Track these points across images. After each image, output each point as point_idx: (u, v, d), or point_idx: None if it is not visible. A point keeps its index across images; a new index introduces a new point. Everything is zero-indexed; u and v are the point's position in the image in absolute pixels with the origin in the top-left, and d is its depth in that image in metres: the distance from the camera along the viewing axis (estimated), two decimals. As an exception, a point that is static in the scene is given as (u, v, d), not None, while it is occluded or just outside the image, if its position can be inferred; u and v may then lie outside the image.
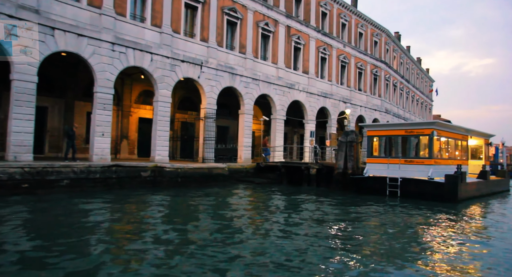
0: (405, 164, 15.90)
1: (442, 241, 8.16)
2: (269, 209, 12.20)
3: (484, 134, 20.98)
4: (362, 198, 15.48)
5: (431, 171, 15.12)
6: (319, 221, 10.13)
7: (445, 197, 14.42)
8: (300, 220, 10.26)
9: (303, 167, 20.15)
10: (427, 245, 7.83)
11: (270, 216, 10.65)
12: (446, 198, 14.38)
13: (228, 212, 11.30)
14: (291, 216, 10.71)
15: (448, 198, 14.36)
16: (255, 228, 8.91)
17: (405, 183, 15.49)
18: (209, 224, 9.28)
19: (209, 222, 9.50)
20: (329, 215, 11.32)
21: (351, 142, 17.84)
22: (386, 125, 16.94)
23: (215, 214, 10.93)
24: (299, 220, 10.17)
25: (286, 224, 9.51)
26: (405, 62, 46.13)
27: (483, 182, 17.50)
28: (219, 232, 8.21)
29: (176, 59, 18.42)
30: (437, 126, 15.47)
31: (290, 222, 9.83)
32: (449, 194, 14.39)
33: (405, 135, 16.14)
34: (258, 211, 11.75)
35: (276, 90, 24.44)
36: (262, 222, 9.66)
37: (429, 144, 15.45)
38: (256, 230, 8.59)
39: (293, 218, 10.50)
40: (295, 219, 10.29)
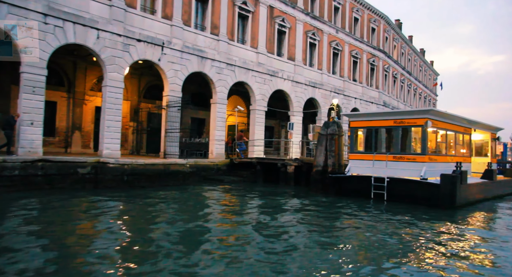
0: (394, 161, 13.23)
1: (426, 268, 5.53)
2: (207, 219, 9.62)
3: (490, 127, 18.20)
4: (341, 202, 12.86)
5: (424, 169, 12.44)
6: (263, 240, 7.53)
7: (441, 202, 11.75)
8: (240, 238, 7.67)
9: (279, 163, 17.54)
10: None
11: (194, 233, 8.07)
12: (442, 203, 11.71)
13: (154, 225, 8.73)
14: (225, 232, 8.13)
15: (445, 203, 11.69)
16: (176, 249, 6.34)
17: (393, 184, 12.85)
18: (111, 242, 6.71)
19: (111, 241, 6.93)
20: (278, 227, 8.70)
21: (332, 135, 15.19)
22: (371, 114, 14.26)
23: (133, 227, 8.37)
24: (234, 241, 7.58)
25: (217, 247, 6.93)
26: (407, 53, 43.16)
27: (488, 182, 14.76)
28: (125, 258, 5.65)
29: (131, 38, 15.83)
30: (432, 116, 12.77)
31: (225, 241, 7.25)
32: (445, 197, 11.72)
33: (393, 126, 13.45)
34: (189, 220, 9.17)
35: (255, 78, 21.79)
36: (181, 237, 7.09)
37: (422, 136, 12.75)
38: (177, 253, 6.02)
39: (230, 234, 7.92)
40: (229, 239, 7.70)
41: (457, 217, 10.59)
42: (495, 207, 13.45)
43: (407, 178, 12.75)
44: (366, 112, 14.35)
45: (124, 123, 19.95)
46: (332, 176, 14.42)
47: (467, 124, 15.79)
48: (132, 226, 8.21)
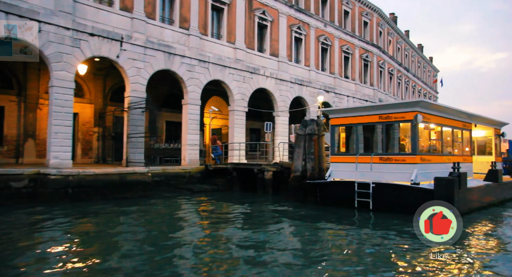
0: (380, 163, 11.25)
1: None
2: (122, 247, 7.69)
3: (493, 122, 16.18)
4: (318, 214, 10.91)
5: (416, 172, 10.46)
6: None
7: (436, 211, 9.72)
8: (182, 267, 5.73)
9: (256, 169, 15.59)
10: None
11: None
12: (436, 213, 9.69)
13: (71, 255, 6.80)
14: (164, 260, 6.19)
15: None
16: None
17: (380, 190, 10.89)
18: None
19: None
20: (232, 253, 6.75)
21: (311, 135, 13.25)
22: (352, 109, 12.30)
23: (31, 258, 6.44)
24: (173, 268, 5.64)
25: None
26: (403, 48, 41.20)
27: (492, 185, 12.73)
28: None
29: (82, 31, 14.02)
30: (422, 108, 10.80)
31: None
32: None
33: (379, 122, 11.48)
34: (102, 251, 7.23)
35: (233, 76, 19.92)
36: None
37: (411, 133, 10.79)
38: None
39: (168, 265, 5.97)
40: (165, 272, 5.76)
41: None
42: (501, 215, 11.42)
43: (395, 182, 10.78)
44: (347, 107, 12.44)
45: (87, 129, 18.17)
46: (309, 182, 12.47)
47: (466, 119, 13.80)
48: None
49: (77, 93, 18.12)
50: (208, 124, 26.23)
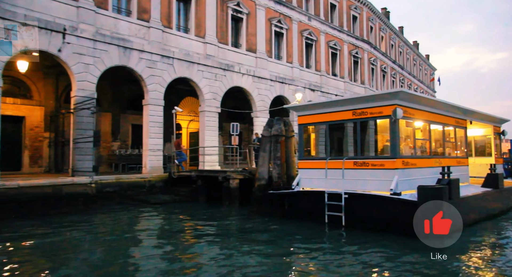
0: (354, 169, 9.27)
1: None
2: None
3: (492, 119, 14.21)
4: (282, 231, 8.95)
5: (396, 179, 8.48)
6: None
7: (420, 228, 7.75)
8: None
9: (221, 177, 13.60)
10: None
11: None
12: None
13: None
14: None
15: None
16: None
17: (354, 202, 8.92)
18: None
19: None
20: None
21: (277, 137, 11.29)
22: (322, 105, 10.28)
23: None
24: None
25: None
26: (397, 45, 39.30)
27: (491, 193, 10.69)
28: None
29: (11, 20, 12.11)
30: (403, 101, 8.82)
31: None
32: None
33: (352, 120, 9.51)
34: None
35: (202, 73, 18.00)
36: None
37: (391, 132, 8.80)
38: None
39: None
40: None
41: (444, 261, 6.58)
42: (503, 230, 9.39)
43: (372, 193, 8.80)
44: (315, 103, 10.46)
45: (37, 134, 16.22)
46: (273, 193, 10.49)
47: (460, 115, 11.81)
48: None
49: (24, 94, 16.29)
50: (185, 127, 24.40)
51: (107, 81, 18.59)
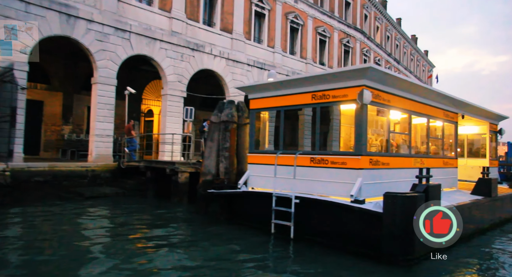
0: (311, 167, 7.32)
1: None
2: None
3: (489, 115, 12.29)
4: (218, 244, 7.01)
5: (360, 182, 6.53)
6: None
7: (385, 249, 5.83)
8: None
9: (169, 169, 11.65)
10: None
11: None
12: (386, 252, 5.80)
13: None
14: None
15: (392, 253, 5.78)
16: None
17: (306, 210, 6.98)
18: None
19: None
20: None
21: (227, 123, 9.31)
22: (277, 85, 8.22)
23: None
24: None
25: None
26: (394, 37, 37.18)
27: (482, 202, 8.72)
28: None
29: None
30: (373, 82, 6.81)
31: None
32: (391, 242, 5.80)
33: (312, 105, 7.51)
34: None
35: (166, 51, 15.92)
36: None
37: (356, 121, 6.81)
38: None
39: None
40: None
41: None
42: (495, 255, 7.47)
43: (329, 198, 6.85)
44: (267, 82, 8.36)
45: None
46: (214, 193, 8.53)
47: (450, 107, 9.86)
48: None
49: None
50: (158, 114, 22.35)
51: (58, 56, 16.54)
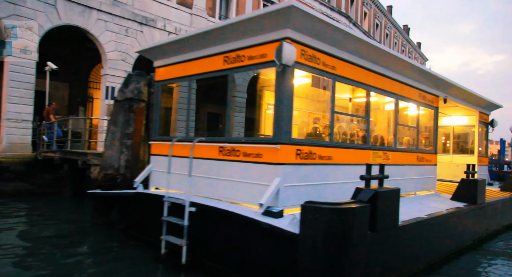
0: (218, 160, 5.08)
1: None
2: None
3: (479, 102, 10.12)
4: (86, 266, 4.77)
5: (277, 185, 4.29)
6: None
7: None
8: None
9: (80, 162, 9.37)
10: None
11: None
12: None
13: None
14: None
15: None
16: None
17: (205, 222, 4.74)
18: None
19: None
20: None
21: (131, 102, 7.03)
22: (185, 42, 5.84)
23: None
24: None
25: None
26: (384, 26, 34.92)
27: (463, 211, 6.49)
28: None
29: None
30: (300, 34, 4.54)
31: None
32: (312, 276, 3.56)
33: (224, 71, 5.24)
34: None
35: (106, 24, 13.54)
36: None
37: (276, 92, 4.55)
38: None
39: None
40: None
41: None
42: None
43: (233, 208, 4.59)
44: (174, 39, 5.90)
45: None
46: (97, 194, 6.27)
47: (429, 86, 7.64)
48: None
49: None
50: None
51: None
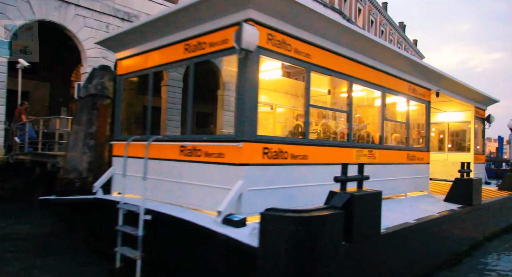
0: (179, 161, 4.50)
1: None
2: None
3: (474, 96, 9.57)
4: None
5: (238, 188, 3.71)
6: None
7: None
8: None
9: (50, 165, 8.79)
10: None
11: None
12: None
13: None
14: None
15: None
16: None
17: (162, 232, 4.15)
18: None
19: None
20: None
21: (94, 98, 6.44)
22: (144, 29, 5.20)
23: None
24: None
25: None
26: (379, 22, 34.39)
27: (456, 214, 5.92)
28: None
29: None
30: (265, 15, 3.97)
31: None
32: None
33: (184, 61, 4.65)
34: None
35: (84, 20, 12.95)
36: None
37: (238, 81, 3.97)
38: None
39: None
40: None
41: None
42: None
43: (187, 216, 3.99)
44: (136, 25, 5.27)
45: None
46: (50, 201, 5.67)
47: (419, 79, 7.07)
48: None
49: None
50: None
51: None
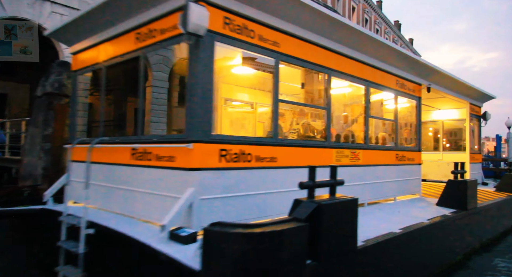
0: (130, 166, 3.93)
1: None
2: None
3: (469, 92, 9.04)
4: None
5: (188, 197, 3.14)
6: None
7: None
8: None
9: (14, 169, 8.20)
10: None
11: None
12: None
13: None
14: None
15: None
16: None
17: (107, 248, 3.56)
18: None
19: None
20: None
21: (51, 98, 5.87)
22: (96, 14, 4.64)
23: None
24: None
25: None
26: (374, 21, 33.92)
27: (449, 220, 5.36)
28: None
29: None
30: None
31: None
32: None
33: (135, 52, 4.10)
34: None
35: (61, 18, 12.38)
36: None
37: (189, 73, 3.41)
38: None
39: None
40: None
41: None
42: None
43: (129, 232, 3.41)
44: (78, 15, 4.74)
45: None
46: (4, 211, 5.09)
47: (409, 73, 6.52)
48: None
49: None
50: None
51: None
